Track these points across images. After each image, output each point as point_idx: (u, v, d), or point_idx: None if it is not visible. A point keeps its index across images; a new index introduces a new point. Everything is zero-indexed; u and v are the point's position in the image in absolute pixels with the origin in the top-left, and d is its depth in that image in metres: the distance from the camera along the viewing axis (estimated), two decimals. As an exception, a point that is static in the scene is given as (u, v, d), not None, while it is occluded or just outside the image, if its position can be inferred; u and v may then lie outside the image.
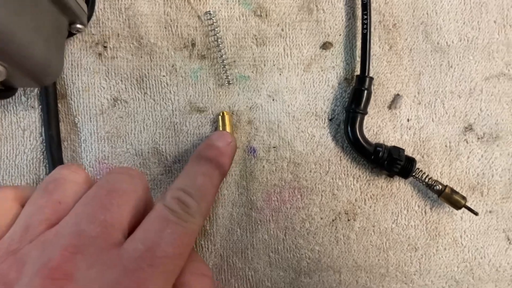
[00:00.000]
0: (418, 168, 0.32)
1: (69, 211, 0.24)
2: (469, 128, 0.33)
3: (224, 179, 0.32)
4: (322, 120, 0.33)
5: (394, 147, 0.32)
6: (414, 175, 0.32)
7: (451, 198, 0.32)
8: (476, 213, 0.32)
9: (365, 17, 0.32)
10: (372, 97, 0.33)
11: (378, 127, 0.33)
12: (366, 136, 0.32)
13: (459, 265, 0.33)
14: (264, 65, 0.33)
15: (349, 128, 0.32)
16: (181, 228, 0.24)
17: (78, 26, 0.29)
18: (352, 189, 0.33)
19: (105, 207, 0.23)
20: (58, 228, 0.23)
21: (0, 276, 0.21)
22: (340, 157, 0.33)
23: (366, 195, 0.33)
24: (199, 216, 0.25)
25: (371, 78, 0.32)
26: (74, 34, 0.30)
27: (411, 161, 0.31)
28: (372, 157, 0.31)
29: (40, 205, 0.24)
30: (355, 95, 0.32)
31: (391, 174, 0.32)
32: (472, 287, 0.33)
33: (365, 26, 0.32)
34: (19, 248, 0.22)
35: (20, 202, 0.25)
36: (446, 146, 0.33)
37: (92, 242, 0.22)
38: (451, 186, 0.32)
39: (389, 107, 0.33)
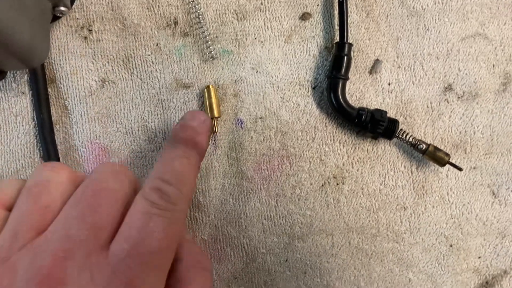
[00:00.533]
0: (402, 129, 0.33)
1: (57, 213, 0.23)
2: (449, 88, 0.34)
3: (214, 151, 0.33)
4: (305, 89, 0.34)
5: (377, 109, 0.33)
6: (397, 136, 0.33)
7: (435, 156, 0.32)
8: (460, 169, 0.33)
9: (341, -15, 0.33)
10: (353, 64, 0.34)
11: (360, 92, 0.34)
12: (349, 102, 0.33)
13: (448, 221, 0.34)
14: (246, 38, 0.34)
15: (331, 94, 0.33)
16: (164, 219, 0.23)
17: (62, 8, 0.29)
18: (339, 154, 0.34)
19: (93, 209, 0.23)
20: (47, 234, 0.22)
21: None
22: (326, 123, 0.34)
23: (353, 158, 0.34)
24: (181, 202, 0.25)
25: (350, 44, 0.33)
26: (59, 17, 0.31)
27: (393, 122, 0.32)
28: (356, 120, 0.32)
29: (27, 211, 0.23)
30: (336, 61, 0.33)
31: (375, 136, 0.33)
32: (461, 242, 0.34)
33: (341, -6, 0.33)
34: (10, 256, 0.22)
35: (2, 204, 0.24)
36: (427, 106, 0.34)
37: (81, 245, 0.22)
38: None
39: (370, 72, 0.34)
